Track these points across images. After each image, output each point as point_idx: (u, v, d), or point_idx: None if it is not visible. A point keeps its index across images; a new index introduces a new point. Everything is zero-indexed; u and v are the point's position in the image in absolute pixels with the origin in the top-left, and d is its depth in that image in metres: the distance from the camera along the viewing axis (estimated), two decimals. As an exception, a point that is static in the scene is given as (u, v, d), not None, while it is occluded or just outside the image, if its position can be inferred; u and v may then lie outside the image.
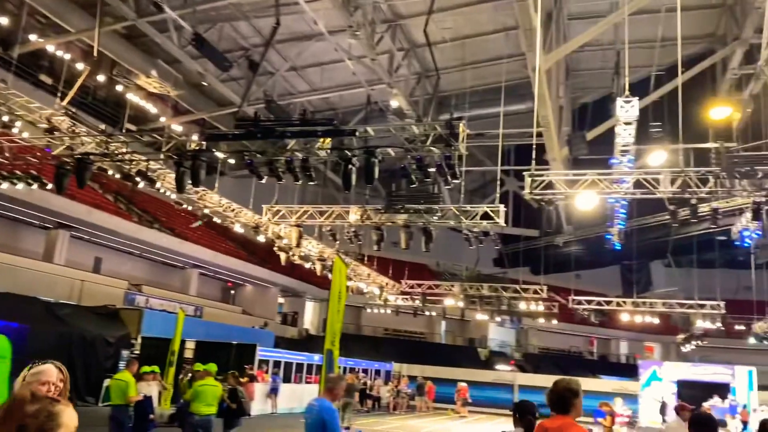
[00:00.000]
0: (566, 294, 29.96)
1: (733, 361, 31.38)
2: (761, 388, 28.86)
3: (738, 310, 32.58)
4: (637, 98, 13.58)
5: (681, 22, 15.01)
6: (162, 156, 15.58)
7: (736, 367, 28.14)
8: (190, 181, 14.58)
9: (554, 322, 36.81)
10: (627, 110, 13.33)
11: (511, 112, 21.92)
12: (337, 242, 22.35)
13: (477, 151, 26.67)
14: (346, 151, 13.18)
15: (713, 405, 24.43)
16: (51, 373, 3.05)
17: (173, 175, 15.94)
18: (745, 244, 21.23)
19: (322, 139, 13.37)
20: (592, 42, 19.50)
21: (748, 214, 17.16)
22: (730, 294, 31.26)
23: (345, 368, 29.74)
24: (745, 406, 25.70)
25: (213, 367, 10.83)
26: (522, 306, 30.03)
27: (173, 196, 20.99)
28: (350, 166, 13.22)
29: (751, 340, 33.24)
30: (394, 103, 21.94)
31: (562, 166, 19.56)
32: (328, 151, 13.67)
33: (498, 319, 36.36)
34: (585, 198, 15.53)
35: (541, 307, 29.71)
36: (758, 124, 19.58)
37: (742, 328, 33.92)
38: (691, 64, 19.46)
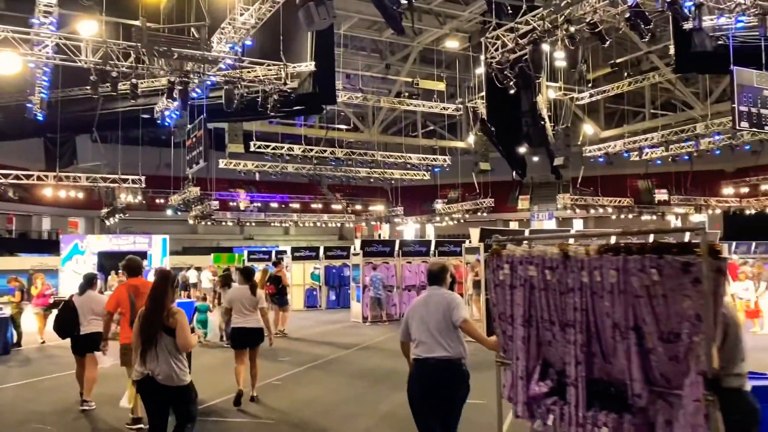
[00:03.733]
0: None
1: (152, 231, 34.16)
2: (172, 253, 32.65)
3: (159, 185, 35.45)
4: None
5: None
6: None
7: (153, 236, 30.83)
8: None
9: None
10: (49, -35, 12.20)
11: None
12: None
13: None
14: None
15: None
16: None
17: None
18: (167, 124, 23.04)
19: None
20: None
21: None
22: (152, 170, 33.31)
23: None
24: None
25: None
26: None
27: None
28: None
29: (169, 212, 36.94)
30: None
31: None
32: None
33: None
34: (2, 59, 13.77)
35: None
36: (183, 10, 20.85)
37: (162, 201, 37.32)
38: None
